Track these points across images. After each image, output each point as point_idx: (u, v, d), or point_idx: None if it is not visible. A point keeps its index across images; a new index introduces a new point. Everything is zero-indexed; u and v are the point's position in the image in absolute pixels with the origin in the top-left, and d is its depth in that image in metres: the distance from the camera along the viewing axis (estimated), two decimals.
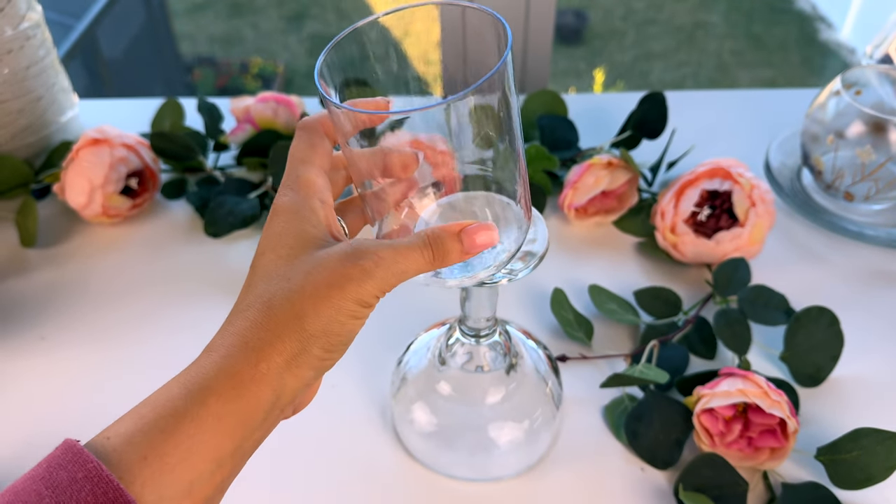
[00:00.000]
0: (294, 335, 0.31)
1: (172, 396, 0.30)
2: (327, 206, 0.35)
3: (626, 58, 3.32)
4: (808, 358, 0.58)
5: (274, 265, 0.33)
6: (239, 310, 0.32)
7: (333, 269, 0.31)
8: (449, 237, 0.33)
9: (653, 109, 0.73)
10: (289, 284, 0.32)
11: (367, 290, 0.32)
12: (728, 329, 0.59)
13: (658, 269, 0.68)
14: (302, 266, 0.32)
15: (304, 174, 0.35)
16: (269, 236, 0.34)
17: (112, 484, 0.27)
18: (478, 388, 0.52)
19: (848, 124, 0.69)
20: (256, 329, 0.31)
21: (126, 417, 0.30)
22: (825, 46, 3.34)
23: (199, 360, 0.31)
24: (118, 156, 0.70)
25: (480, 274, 0.39)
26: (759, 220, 0.63)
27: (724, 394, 0.52)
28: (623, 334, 0.62)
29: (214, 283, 0.67)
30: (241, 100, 0.80)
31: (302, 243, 0.33)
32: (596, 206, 0.71)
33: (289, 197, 0.35)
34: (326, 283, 0.31)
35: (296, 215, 0.34)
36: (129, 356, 0.62)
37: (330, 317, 0.31)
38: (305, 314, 0.31)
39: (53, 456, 0.29)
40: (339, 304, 0.31)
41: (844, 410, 0.57)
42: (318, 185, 0.35)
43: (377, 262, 0.32)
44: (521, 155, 0.36)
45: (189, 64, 3.15)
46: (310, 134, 0.36)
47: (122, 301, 0.66)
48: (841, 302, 0.63)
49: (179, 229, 0.73)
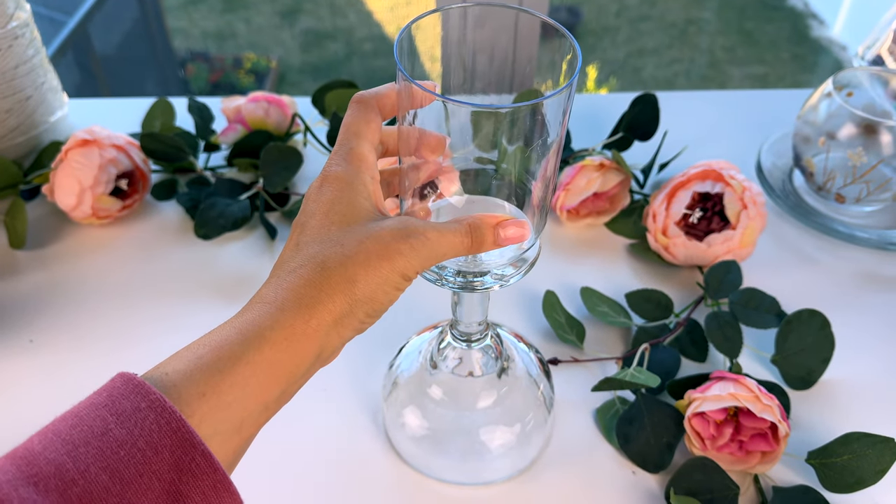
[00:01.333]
0: (344, 297, 0.33)
1: (230, 340, 0.32)
2: (376, 182, 0.38)
3: (619, 54, 3.33)
4: (799, 361, 0.58)
5: (327, 229, 0.35)
6: (291, 267, 0.34)
7: (386, 242, 0.34)
8: (487, 228, 0.37)
9: (645, 111, 0.73)
10: (343, 249, 0.34)
11: (413, 265, 0.34)
12: (719, 332, 0.59)
13: (649, 270, 0.68)
14: (355, 235, 0.34)
15: (358, 148, 0.37)
16: (320, 201, 0.36)
17: (175, 415, 0.29)
18: (469, 392, 0.52)
19: (839, 126, 0.69)
20: (310, 287, 0.33)
21: (182, 355, 0.32)
22: (817, 43, 3.35)
23: (251, 308, 0.33)
24: (108, 157, 0.69)
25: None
26: (750, 223, 0.63)
27: (715, 398, 0.52)
28: (615, 337, 0.62)
29: (206, 286, 0.67)
30: (232, 100, 0.79)
31: (354, 212, 0.35)
32: (588, 207, 0.71)
33: (342, 168, 0.37)
34: (378, 255, 0.33)
35: (349, 185, 0.36)
36: (120, 359, 0.61)
37: (377, 285, 0.34)
38: (357, 279, 0.33)
39: (113, 387, 0.30)
40: (386, 275, 0.34)
41: (835, 413, 0.57)
42: (370, 161, 0.38)
43: (424, 242, 0.34)
44: (546, 172, 0.39)
45: (182, 59, 3.14)
46: (365, 109, 0.39)
47: (113, 303, 0.66)
48: (832, 304, 0.63)
49: (170, 230, 0.72)
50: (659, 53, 3.34)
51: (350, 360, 0.60)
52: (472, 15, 0.41)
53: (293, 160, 0.70)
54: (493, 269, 0.43)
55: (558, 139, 0.38)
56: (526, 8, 0.40)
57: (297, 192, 0.73)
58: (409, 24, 0.38)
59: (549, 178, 0.40)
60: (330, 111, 0.77)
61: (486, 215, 0.37)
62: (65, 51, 2.31)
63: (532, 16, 0.40)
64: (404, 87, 0.36)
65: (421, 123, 0.37)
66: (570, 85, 0.36)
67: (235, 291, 0.67)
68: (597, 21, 3.42)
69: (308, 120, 0.81)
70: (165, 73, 3.04)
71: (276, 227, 0.71)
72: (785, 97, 0.89)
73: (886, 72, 0.72)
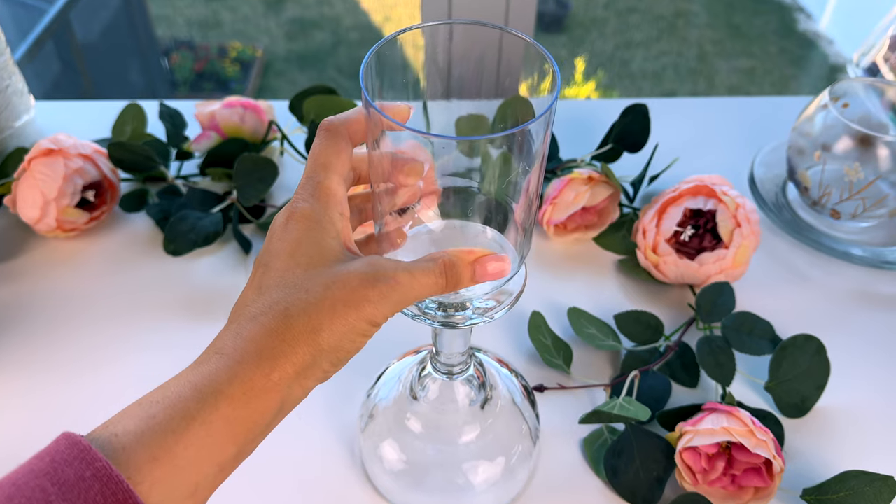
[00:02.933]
0: (308, 348, 0.31)
1: (185, 397, 0.30)
2: (345, 218, 0.36)
3: (607, 47, 3.31)
4: (794, 387, 0.56)
5: (291, 272, 0.33)
6: (251, 313, 0.32)
7: (353, 288, 0.32)
8: (464, 266, 0.35)
9: (635, 122, 0.70)
10: (307, 296, 0.32)
11: (382, 311, 0.32)
12: (711, 358, 0.56)
13: (639, 288, 0.66)
14: (321, 279, 0.32)
15: (326, 181, 0.35)
16: (286, 240, 0.34)
17: (122, 485, 0.27)
18: (451, 426, 0.49)
19: (836, 139, 0.67)
20: (271, 337, 0.31)
21: (133, 413, 0.30)
22: (804, 37, 3.34)
23: (208, 359, 0.31)
24: (73, 167, 0.66)
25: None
26: (743, 242, 0.61)
27: (707, 432, 0.50)
28: (603, 359, 0.60)
29: (177, 302, 0.64)
30: (206, 104, 0.76)
31: (321, 254, 0.33)
32: (576, 221, 0.68)
33: (309, 204, 0.34)
34: (344, 302, 0.32)
35: (316, 224, 0.34)
36: (85, 382, 0.58)
37: (343, 334, 0.32)
38: (321, 328, 0.31)
39: (56, 451, 0.28)
40: (353, 324, 0.32)
41: (831, 443, 0.55)
42: (339, 196, 0.35)
43: (394, 287, 0.32)
44: (529, 192, 0.37)
45: (166, 48, 3.09)
46: (335, 138, 0.36)
47: (78, 321, 0.63)
48: (826, 326, 0.61)
49: (139, 243, 0.69)
50: (647, 46, 3.33)
51: (326, 386, 0.57)
52: (455, 30, 0.39)
53: (268, 171, 0.67)
54: (474, 300, 0.40)
55: (540, 158, 0.35)
56: (508, 28, 0.37)
57: (272, 204, 0.70)
58: (377, 45, 0.36)
59: (531, 198, 0.38)
60: (308, 118, 0.74)
61: (462, 251, 0.35)
62: (45, 39, 2.26)
63: (513, 35, 0.37)
64: (372, 114, 0.34)
65: (395, 141, 0.35)
66: (549, 108, 0.34)
67: (208, 308, 0.64)
68: (585, 13, 3.39)
69: (285, 127, 0.78)
70: (149, 62, 2.99)
71: (251, 241, 0.68)
72: (778, 104, 0.87)
73: (882, 83, 0.70)
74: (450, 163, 0.39)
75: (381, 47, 0.36)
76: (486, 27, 0.38)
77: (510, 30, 0.37)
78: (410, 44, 0.38)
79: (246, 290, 0.34)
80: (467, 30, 0.38)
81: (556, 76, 0.36)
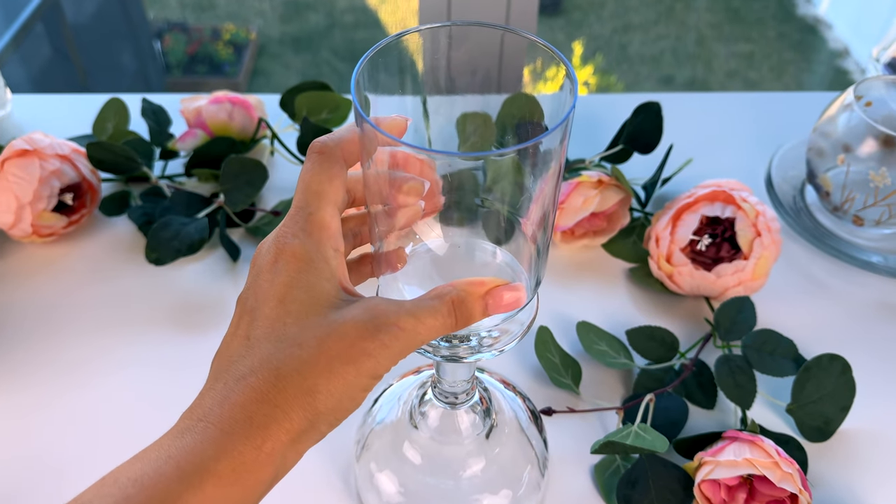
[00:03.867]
0: (303, 412, 0.28)
1: (166, 476, 0.26)
2: (339, 254, 0.32)
3: (605, 30, 3.26)
4: (817, 410, 0.53)
5: (282, 323, 0.29)
6: (239, 372, 0.28)
7: (351, 341, 0.28)
8: (474, 300, 0.31)
9: (647, 121, 0.66)
10: (300, 352, 0.28)
11: (384, 364, 0.29)
12: (730, 379, 0.53)
13: (651, 299, 0.62)
14: (315, 331, 0.29)
15: (318, 213, 0.31)
16: (275, 283, 0.30)
17: None
18: (454, 457, 0.46)
19: (860, 141, 0.63)
20: (262, 403, 0.28)
21: (106, 492, 0.26)
22: (803, 21, 3.30)
23: (192, 428, 0.28)
24: (50, 169, 0.62)
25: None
26: (764, 252, 0.57)
27: (729, 463, 0.46)
28: (614, 378, 0.56)
29: (161, 312, 0.60)
30: (192, 100, 0.72)
31: (314, 300, 0.30)
32: (584, 227, 0.64)
33: (300, 240, 0.31)
34: (341, 358, 0.28)
35: (308, 264, 0.30)
36: (65, 400, 0.55)
37: (342, 393, 0.28)
38: (317, 390, 0.28)
39: None
40: (353, 381, 0.28)
41: (856, 467, 0.52)
42: (333, 230, 0.32)
43: (397, 336, 0.29)
44: (544, 206, 0.33)
45: (159, 30, 3.03)
46: (328, 162, 0.32)
47: (58, 332, 0.59)
48: (849, 341, 0.58)
49: (122, 249, 0.65)
50: (645, 29, 3.29)
51: None
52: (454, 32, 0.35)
53: (257, 174, 0.63)
54: (480, 331, 0.37)
55: (557, 167, 0.32)
56: (513, 27, 0.34)
57: (262, 208, 0.66)
58: (370, 51, 0.32)
59: (547, 213, 0.34)
60: (300, 114, 0.70)
61: (471, 283, 0.31)
62: (35, 21, 2.20)
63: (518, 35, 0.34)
64: (366, 129, 0.30)
65: (392, 161, 0.31)
66: (566, 118, 0.30)
67: (194, 319, 0.60)
68: None
69: (276, 124, 0.73)
70: (141, 45, 2.93)
71: (240, 247, 0.64)
72: (795, 100, 0.83)
73: None
74: (454, 176, 0.35)
75: (374, 54, 0.32)
76: (492, 28, 0.34)
77: (516, 30, 0.33)
78: (408, 41, 0.34)
79: (231, 339, 0.30)
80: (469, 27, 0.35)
81: (572, 80, 0.32)
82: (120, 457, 0.29)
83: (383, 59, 0.33)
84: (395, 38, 0.33)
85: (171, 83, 2.90)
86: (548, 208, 0.34)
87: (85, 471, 0.51)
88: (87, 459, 0.51)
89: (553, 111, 0.36)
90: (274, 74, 2.96)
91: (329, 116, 0.70)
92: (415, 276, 0.38)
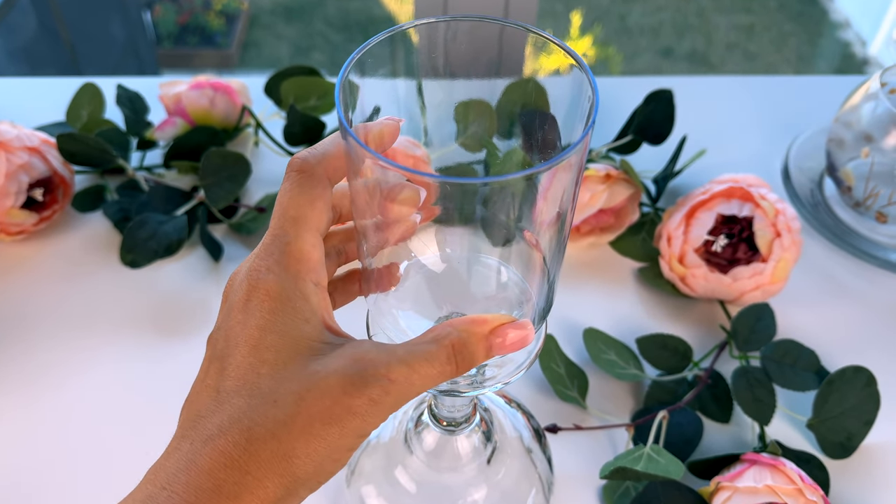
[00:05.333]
0: (278, 479, 0.24)
1: None
2: (321, 289, 0.28)
3: (604, 0, 3.21)
4: (840, 425, 0.49)
5: (255, 374, 0.25)
6: (207, 433, 0.25)
7: (334, 399, 0.25)
8: (477, 342, 0.27)
9: (658, 110, 0.62)
10: (275, 411, 0.25)
11: (372, 422, 0.25)
12: (748, 393, 0.49)
13: (662, 302, 0.58)
14: (292, 384, 0.25)
15: (297, 242, 0.27)
16: (248, 326, 0.26)
17: None
18: (453, 486, 0.42)
19: (885, 132, 0.59)
20: (232, 469, 0.24)
21: None
22: None
23: (152, 495, 0.24)
24: (18, 163, 0.57)
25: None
26: (784, 255, 0.54)
27: (749, 490, 0.43)
28: (624, 389, 0.53)
29: (138, 315, 0.56)
30: (171, 85, 0.67)
31: (292, 346, 0.26)
32: (590, 224, 0.60)
33: (275, 275, 0.27)
34: (323, 419, 0.25)
35: (284, 305, 0.26)
36: (34, 409, 0.51)
37: (324, 456, 0.25)
38: (295, 454, 0.24)
39: None
40: (336, 442, 0.25)
41: (878, 484, 0.49)
42: (314, 261, 0.28)
43: (387, 390, 0.25)
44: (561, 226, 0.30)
45: (148, 0, 2.96)
46: (309, 183, 0.28)
47: (29, 336, 0.55)
48: (872, 348, 0.55)
49: (97, 247, 0.61)
50: (644, 0, 3.24)
51: None
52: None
53: (239, 169, 0.58)
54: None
55: (577, 177, 0.28)
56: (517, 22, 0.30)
57: (246, 204, 0.62)
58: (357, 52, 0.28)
59: (563, 229, 0.30)
60: (287, 101, 0.65)
61: (472, 323, 0.28)
62: None
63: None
64: (351, 145, 0.26)
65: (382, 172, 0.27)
66: (585, 135, 0.26)
67: (173, 323, 0.56)
68: None
69: (261, 112, 0.69)
70: (130, 15, 2.86)
71: (222, 244, 0.60)
72: (810, 84, 0.79)
73: None
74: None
75: (361, 55, 0.28)
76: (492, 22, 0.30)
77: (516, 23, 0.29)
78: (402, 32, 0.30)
79: (199, 387, 0.26)
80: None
81: (593, 88, 0.28)
82: (91, 464, 0.25)
83: (377, 49, 0.29)
84: (385, 35, 0.29)
85: (161, 55, 2.84)
86: (565, 222, 0.30)
87: (56, 477, 0.47)
88: (59, 465, 0.48)
89: (559, 97, 0.32)
90: (266, 45, 2.90)
91: (318, 103, 0.65)
92: (408, 296, 0.34)
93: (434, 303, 0.34)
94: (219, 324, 0.27)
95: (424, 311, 0.34)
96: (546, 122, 0.35)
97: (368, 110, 0.31)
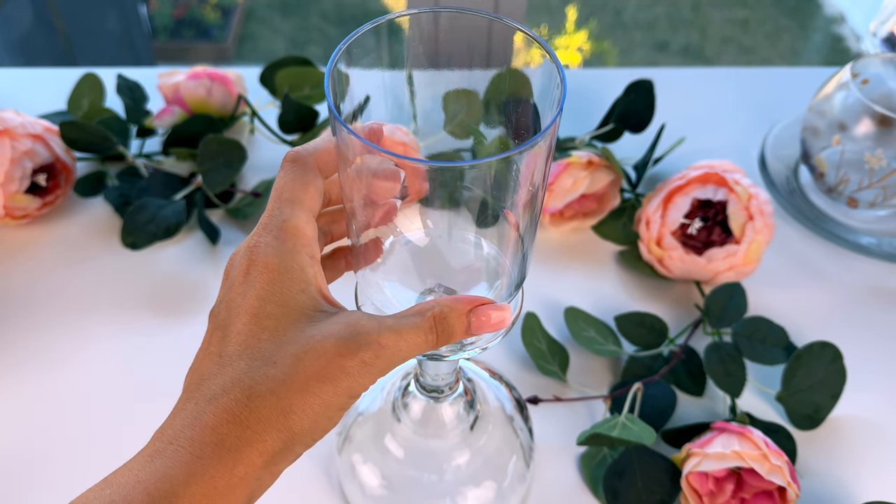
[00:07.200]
0: (277, 434, 0.27)
1: (134, 503, 0.25)
2: (315, 261, 0.31)
3: None
4: (807, 398, 0.52)
5: (256, 339, 0.28)
6: (211, 392, 0.27)
7: (329, 359, 0.27)
8: (457, 317, 0.30)
9: (639, 99, 0.64)
10: (274, 371, 0.27)
11: (363, 383, 0.28)
12: (720, 367, 0.52)
13: (640, 283, 0.61)
14: (290, 348, 0.27)
15: (292, 219, 0.30)
16: (248, 296, 0.29)
17: None
18: (438, 451, 0.45)
19: (856, 121, 0.61)
20: (234, 424, 0.26)
21: None
22: None
23: (160, 452, 0.26)
24: (22, 149, 0.60)
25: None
26: (756, 237, 0.56)
27: (717, 455, 0.45)
28: (602, 364, 0.56)
29: (139, 296, 0.59)
30: (170, 75, 0.69)
31: (289, 314, 0.28)
32: (573, 209, 0.63)
33: (273, 249, 0.29)
34: (318, 377, 0.27)
35: (283, 275, 0.29)
36: (40, 382, 0.53)
37: (318, 413, 0.27)
38: (292, 411, 0.27)
39: None
40: (329, 400, 0.27)
41: (846, 457, 0.51)
42: (308, 236, 0.30)
43: (377, 353, 0.28)
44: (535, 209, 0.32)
45: None
46: (302, 170, 0.31)
47: (33, 317, 0.57)
48: (841, 326, 0.57)
49: (98, 230, 0.63)
50: None
51: None
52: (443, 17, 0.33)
53: (235, 155, 0.61)
54: None
55: (547, 148, 0.30)
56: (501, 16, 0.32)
57: (242, 189, 0.64)
58: (344, 42, 0.30)
59: (536, 206, 0.32)
60: (281, 91, 0.67)
61: (455, 301, 0.30)
62: None
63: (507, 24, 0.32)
64: (343, 136, 0.28)
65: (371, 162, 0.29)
66: (553, 122, 0.28)
67: (172, 304, 0.58)
68: None
69: (256, 102, 0.71)
70: (126, 8, 2.87)
71: (219, 228, 0.62)
72: (789, 76, 0.81)
73: None
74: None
75: (348, 45, 0.30)
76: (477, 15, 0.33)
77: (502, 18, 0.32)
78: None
79: (202, 355, 0.29)
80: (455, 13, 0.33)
81: (561, 79, 0.30)
82: (93, 441, 0.27)
83: (365, 39, 0.31)
84: (371, 26, 0.31)
85: (157, 48, 2.85)
86: (537, 203, 0.32)
87: (57, 458, 0.50)
88: (61, 444, 0.50)
89: (542, 87, 0.34)
90: (262, 39, 2.91)
91: (311, 93, 0.68)
92: (395, 270, 0.36)
93: (418, 275, 0.37)
94: (220, 298, 0.30)
95: (409, 283, 0.36)
96: (529, 110, 0.38)
97: (358, 100, 0.33)
